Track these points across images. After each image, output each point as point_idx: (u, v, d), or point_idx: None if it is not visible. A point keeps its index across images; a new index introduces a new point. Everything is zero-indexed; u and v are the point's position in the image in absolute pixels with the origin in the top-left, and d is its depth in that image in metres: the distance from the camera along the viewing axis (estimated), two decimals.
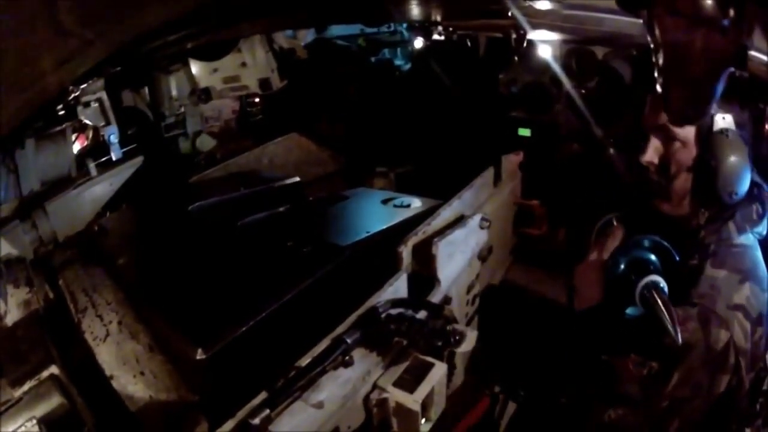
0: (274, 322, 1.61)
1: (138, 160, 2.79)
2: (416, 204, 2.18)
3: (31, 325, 1.84)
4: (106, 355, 1.71)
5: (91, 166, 2.64)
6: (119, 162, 2.77)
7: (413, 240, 1.82)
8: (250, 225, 2.21)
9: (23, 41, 1.15)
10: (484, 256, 2.11)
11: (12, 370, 1.60)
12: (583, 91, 2.81)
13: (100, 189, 2.66)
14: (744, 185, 1.53)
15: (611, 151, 2.46)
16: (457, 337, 1.47)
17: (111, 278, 2.04)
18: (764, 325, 1.47)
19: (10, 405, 1.49)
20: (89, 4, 1.20)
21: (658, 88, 1.48)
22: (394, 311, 1.53)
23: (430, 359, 1.53)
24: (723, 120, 1.54)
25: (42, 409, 1.50)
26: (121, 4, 1.29)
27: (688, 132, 1.58)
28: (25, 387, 1.55)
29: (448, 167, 3.78)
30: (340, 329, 1.50)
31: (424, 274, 1.82)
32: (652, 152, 1.66)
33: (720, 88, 1.43)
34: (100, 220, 2.63)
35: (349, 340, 1.42)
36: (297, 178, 2.63)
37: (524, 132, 3.22)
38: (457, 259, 1.94)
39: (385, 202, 2.25)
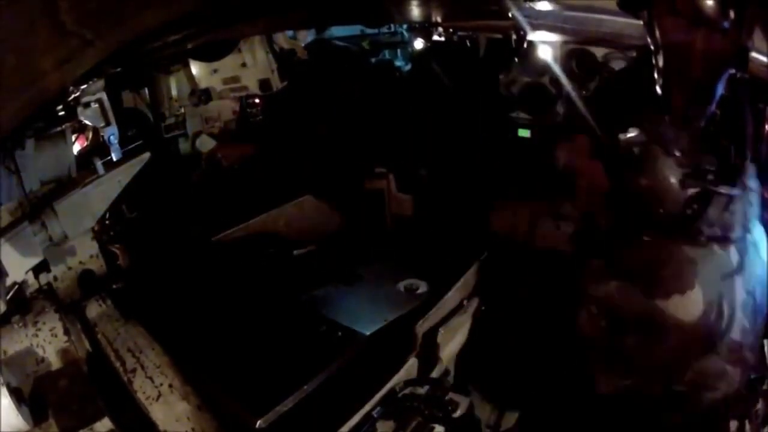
0: (315, 397, 1.92)
1: (144, 157, 2.78)
2: (423, 288, 2.52)
3: (75, 375, 1.93)
4: (159, 414, 1.88)
5: (99, 164, 2.63)
6: (126, 159, 2.76)
7: (422, 328, 2.20)
8: (282, 300, 2.53)
9: (23, 41, 1.15)
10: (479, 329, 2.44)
11: (62, 418, 1.68)
12: (584, 92, 2.81)
13: (108, 187, 2.66)
14: None
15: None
16: (452, 406, 1.96)
17: (153, 338, 2.21)
18: None
19: None
20: (89, 5, 1.20)
21: (658, 88, 1.48)
22: (407, 390, 1.98)
23: (432, 424, 1.91)
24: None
25: None
26: (121, 5, 1.29)
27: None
28: None
29: (448, 167, 3.80)
30: (368, 407, 1.89)
31: (430, 354, 2.20)
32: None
33: (720, 88, 1.43)
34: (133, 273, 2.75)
35: (376, 416, 1.87)
36: (314, 247, 3.03)
37: (524, 133, 3.22)
38: (457, 339, 2.33)
39: (396, 282, 2.59)
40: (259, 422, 1.76)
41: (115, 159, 2.75)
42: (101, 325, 2.29)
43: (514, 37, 3.18)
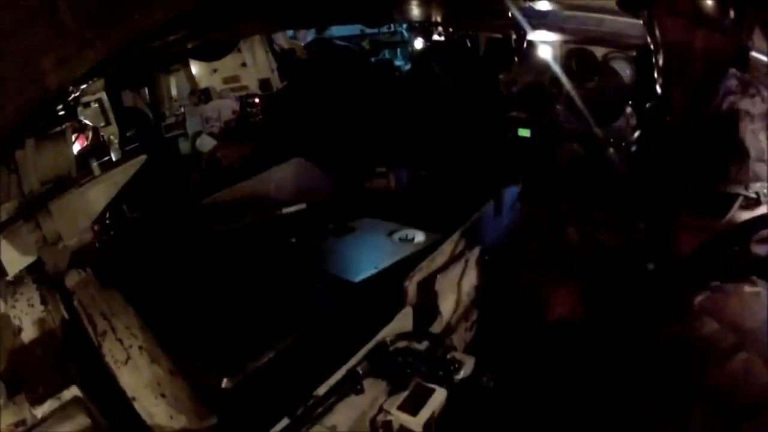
0: (292, 353, 1.76)
1: (140, 159, 2.78)
2: (419, 237, 2.30)
3: (49, 344, 1.87)
4: (127, 378, 1.76)
5: (94, 165, 2.63)
6: (122, 161, 2.77)
7: (418, 276, 1.95)
8: (266, 254, 2.35)
9: (23, 41, 1.15)
10: (483, 284, 2.20)
11: (32, 388, 1.63)
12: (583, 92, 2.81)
13: (104, 188, 2.65)
14: None
15: (610, 150, 2.45)
16: (456, 365, 1.65)
17: (129, 302, 2.09)
18: None
19: (34, 425, 1.52)
20: (89, 4, 1.20)
21: (658, 88, 1.48)
22: (400, 344, 1.70)
23: (431, 385, 1.65)
24: None
25: (67, 429, 1.52)
26: (121, 5, 1.29)
27: None
28: (46, 406, 1.58)
29: (449, 167, 3.80)
30: (352, 361, 1.64)
31: (427, 307, 1.94)
32: None
33: (721, 88, 1.43)
34: (113, 240, 2.66)
35: (361, 372, 1.59)
36: (303, 205, 2.76)
37: (524, 132, 3.22)
38: (459, 291, 2.06)
39: (390, 234, 2.36)
40: (224, 381, 1.65)
41: (114, 159, 2.76)
42: (79, 292, 2.18)
43: (514, 36, 3.18)
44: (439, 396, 1.62)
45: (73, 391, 1.62)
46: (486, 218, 2.40)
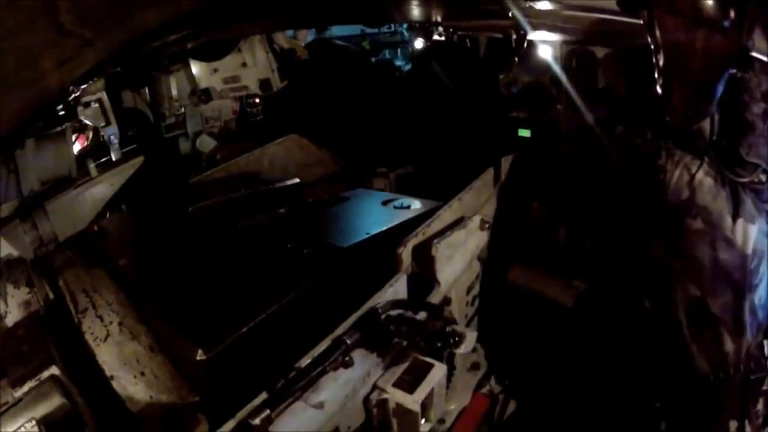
0: (274, 324, 1.65)
1: (138, 161, 2.79)
2: (416, 205, 2.22)
3: (31, 325, 1.86)
4: (106, 356, 1.73)
5: (91, 166, 2.64)
6: (119, 162, 2.78)
7: (413, 241, 1.85)
8: (251, 226, 2.27)
9: (23, 41, 1.15)
10: (483, 257, 2.12)
11: (13, 371, 1.62)
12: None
13: (101, 189, 2.66)
14: None
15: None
16: (457, 338, 1.48)
17: (112, 279, 2.07)
18: None
19: (10, 406, 1.51)
20: (89, 5, 1.20)
21: (658, 88, 1.48)
22: (393, 312, 1.55)
23: (429, 360, 1.54)
24: None
25: (42, 409, 1.52)
26: (121, 5, 1.29)
27: None
28: (26, 387, 1.57)
29: (448, 168, 3.80)
30: (339, 330, 1.51)
31: (424, 276, 1.83)
32: None
33: (720, 88, 1.43)
34: (100, 221, 2.66)
35: (348, 341, 1.44)
36: (297, 180, 2.68)
37: (524, 132, 3.22)
38: (457, 260, 1.96)
39: (385, 203, 2.31)
40: (200, 353, 1.54)
41: (114, 159, 2.77)
42: (64, 271, 2.17)
43: (514, 36, 3.18)
44: (438, 371, 1.49)
45: (52, 371, 1.61)
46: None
